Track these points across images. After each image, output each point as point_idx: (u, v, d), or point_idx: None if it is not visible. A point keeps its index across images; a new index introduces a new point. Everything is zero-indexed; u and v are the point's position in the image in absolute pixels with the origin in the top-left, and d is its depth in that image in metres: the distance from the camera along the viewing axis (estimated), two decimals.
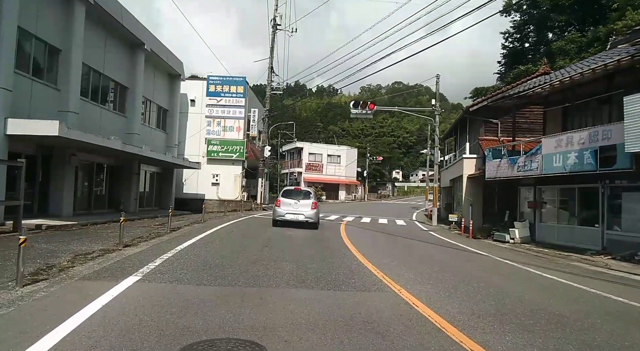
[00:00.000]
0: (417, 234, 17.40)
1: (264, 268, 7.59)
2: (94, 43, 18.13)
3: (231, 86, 28.65)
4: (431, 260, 10.33)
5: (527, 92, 14.76)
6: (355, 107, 21.66)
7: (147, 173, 24.90)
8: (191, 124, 29.00)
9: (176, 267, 7.18)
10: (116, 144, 16.19)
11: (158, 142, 25.24)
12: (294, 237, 12.94)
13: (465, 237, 17.37)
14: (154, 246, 9.64)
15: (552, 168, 13.15)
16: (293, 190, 16.56)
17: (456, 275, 8.25)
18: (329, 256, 9.45)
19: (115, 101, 20.70)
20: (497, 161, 15.88)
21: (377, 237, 15.38)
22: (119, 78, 20.37)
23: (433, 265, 9.34)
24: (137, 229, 13.58)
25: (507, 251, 13.30)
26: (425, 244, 14.15)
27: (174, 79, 26.74)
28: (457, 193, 24.59)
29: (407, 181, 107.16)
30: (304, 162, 57.16)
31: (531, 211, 15.64)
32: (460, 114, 22.19)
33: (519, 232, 15.10)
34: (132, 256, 8.14)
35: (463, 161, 21.10)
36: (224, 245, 10.28)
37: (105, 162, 20.22)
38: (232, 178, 29.06)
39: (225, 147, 28.73)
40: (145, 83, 22.84)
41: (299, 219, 15.23)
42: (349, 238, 13.56)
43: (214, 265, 7.53)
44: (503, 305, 6.01)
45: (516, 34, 41.61)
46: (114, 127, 19.90)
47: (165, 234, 12.16)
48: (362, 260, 9.20)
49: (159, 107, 25.72)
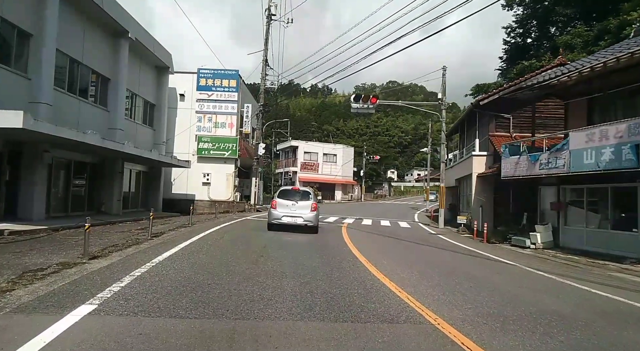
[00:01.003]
0: (426, 239, 15.92)
1: (259, 287, 6.06)
2: (71, 29, 16.49)
3: (223, 80, 27.02)
4: (454, 272, 8.86)
5: (549, 82, 13.32)
6: (356, 101, 20.15)
7: (133, 172, 23.24)
8: (180, 120, 27.33)
9: (147, 289, 5.63)
10: (94, 140, 14.56)
11: (144, 138, 23.59)
12: (293, 244, 11.42)
13: (478, 241, 15.93)
14: (126, 257, 8.06)
15: (581, 165, 11.72)
16: (290, 190, 14.99)
17: (494, 294, 6.77)
18: (336, 269, 7.94)
19: (97, 94, 19.04)
20: (515, 158, 14.45)
21: (384, 242, 13.90)
22: (100, 68, 18.71)
23: (460, 279, 7.86)
24: (115, 234, 11.98)
25: (532, 259, 11.86)
26: (439, 250, 12.67)
27: (161, 72, 25.07)
28: (464, 193, 23.18)
29: (402, 181, 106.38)
30: (299, 161, 55.59)
31: (554, 213, 14.22)
32: (469, 108, 20.78)
33: (541, 236, 13.67)
34: (96, 272, 6.57)
35: (472, 158, 19.67)
36: (211, 256, 8.72)
37: (85, 160, 18.55)
38: (224, 178, 27.44)
39: (217, 145, 27.09)
40: (130, 75, 21.19)
41: (297, 223, 13.73)
42: (354, 244, 12.07)
43: (196, 285, 5.99)
44: (578, 342, 4.53)
45: (519, 28, 40.39)
46: (95, 121, 18.24)
47: (145, 241, 10.58)
48: (376, 273, 7.70)
49: (146, 101, 24.06)
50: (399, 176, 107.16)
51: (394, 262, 9.43)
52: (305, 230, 13.98)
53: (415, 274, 8.06)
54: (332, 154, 57.64)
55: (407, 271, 8.27)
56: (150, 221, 11.22)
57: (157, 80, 24.97)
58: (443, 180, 21.01)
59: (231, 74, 27.23)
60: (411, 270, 8.47)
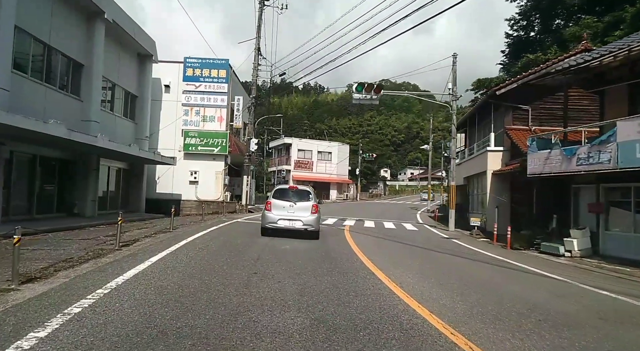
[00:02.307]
0: (442, 245, 14.03)
1: (251, 331, 4.10)
2: (35, 5, 14.38)
3: (212, 70, 24.89)
4: (497, 292, 6.99)
5: (589, 63, 11.48)
6: (358, 91, 18.22)
7: (111, 170, 21.12)
8: (165, 114, 25.18)
9: (80, 342, 3.66)
10: (58, 131, 12.49)
11: (125, 133, 21.45)
12: (292, 254, 9.48)
13: (500, 247, 14.10)
14: (75, 279, 6.06)
15: (632, 160, 9.92)
16: (287, 190, 13.07)
17: (587, 335, 4.88)
18: (353, 293, 6.03)
19: (68, 81, 16.89)
20: (545, 153, 12.61)
21: (396, 250, 11.98)
22: (71, 52, 16.57)
23: (510, 305, 6.00)
24: (77, 242, 9.94)
25: (575, 271, 10.03)
26: (464, 261, 10.79)
27: (144, 61, 22.93)
28: (475, 192, 21.39)
29: (396, 180, 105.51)
30: (293, 159, 53.55)
31: (592, 216, 12.41)
32: (483, 99, 18.96)
33: (578, 243, 11.84)
34: (18, 307, 4.58)
35: (487, 154, 17.85)
36: (189, 275, 6.75)
37: (54, 156, 16.44)
38: (213, 176, 25.35)
39: (205, 140, 24.99)
40: (108, 62, 19.07)
41: (296, 227, 11.91)
42: (363, 252, 10.17)
43: (160, 330, 4.03)
44: None
45: (522, 20, 38.82)
46: (66, 112, 16.12)
47: (110, 252, 8.56)
48: (408, 300, 5.81)
49: (127, 92, 21.92)
50: (392, 175, 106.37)
51: (421, 279, 7.52)
52: (304, 235, 12.12)
53: (458, 300, 6.15)
54: (327, 152, 55.67)
55: (445, 295, 6.37)
56: (118, 227, 9.17)
57: (140, 69, 22.83)
58: (453, 178, 19.17)
59: (221, 64, 25.13)
60: (449, 293, 6.56)
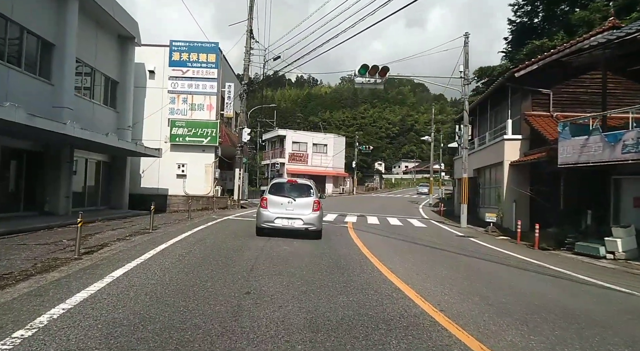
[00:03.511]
0: (462, 245, 12.30)
1: None
2: None
3: (200, 54, 22.93)
4: (567, 314, 5.35)
5: (636, 35, 9.86)
6: (361, 74, 16.45)
7: (90, 163, 19.26)
8: (150, 101, 23.22)
9: None
10: (14, 115, 10.64)
11: (105, 122, 19.53)
12: (292, 261, 7.76)
13: (526, 248, 12.50)
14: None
15: None
16: (286, 184, 11.55)
17: None
18: (383, 324, 4.34)
19: (35, 62, 14.99)
20: (581, 140, 10.99)
21: (413, 252, 10.27)
22: (38, 29, 14.67)
23: (599, 341, 4.37)
24: (32, 249, 8.17)
25: (630, 277, 8.44)
26: (497, 266, 9.14)
27: (125, 43, 20.96)
28: (488, 184, 19.80)
29: (390, 173, 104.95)
30: (287, 152, 51.66)
31: (638, 212, 10.85)
32: (499, 82, 17.27)
33: (622, 243, 10.25)
34: None
35: (503, 143, 16.21)
36: (158, 300, 5.01)
37: (19, 147, 14.58)
38: (202, 169, 23.51)
39: (194, 130, 23.11)
40: (84, 43, 17.15)
41: (295, 227, 10.54)
42: (377, 257, 8.52)
43: None
44: None
45: (526, 5, 37.27)
46: (33, 96, 14.28)
47: (66, 263, 6.80)
48: (457, 332, 4.14)
49: (107, 77, 19.99)
50: (386, 168, 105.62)
51: (462, 298, 5.85)
52: (310, 235, 10.76)
53: (528, 334, 4.50)
54: (323, 144, 53.82)
55: (506, 325, 4.70)
56: (78, 230, 7.37)
57: (121, 52, 20.87)
58: (465, 170, 17.50)
59: (210, 47, 23.19)
60: (509, 320, 4.89)
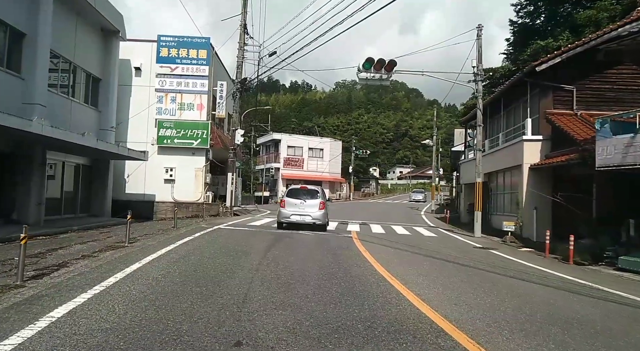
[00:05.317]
0: (489, 260, 10.62)
1: None
2: None
3: (190, 50, 21.43)
4: None
5: None
6: (366, 68, 15.01)
7: (67, 166, 17.61)
8: (136, 100, 21.64)
9: None
10: None
11: (86, 122, 17.91)
12: (297, 286, 6.21)
13: (557, 261, 11.04)
14: None
15: None
16: (299, 189, 15.23)
17: None
18: None
19: (2, 52, 13.42)
20: (625, 138, 9.59)
21: (435, 269, 8.68)
22: (6, 16, 13.11)
23: None
24: None
25: None
26: (537, 287, 7.63)
27: (109, 37, 19.40)
28: (502, 190, 18.37)
29: (385, 179, 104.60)
30: (282, 156, 50.09)
31: None
32: (517, 78, 15.86)
33: None
34: None
35: (522, 144, 14.79)
36: None
37: None
38: (192, 173, 21.90)
39: (183, 132, 21.53)
40: (61, 35, 15.63)
41: (306, 221, 14.11)
42: (396, 278, 6.97)
43: None
44: None
45: (529, 5, 36.26)
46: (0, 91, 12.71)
47: (1, 292, 5.21)
48: None
49: (88, 74, 18.41)
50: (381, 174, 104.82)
51: (527, 339, 4.34)
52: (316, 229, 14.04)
53: None
54: (319, 148, 52.31)
55: None
56: (21, 249, 5.79)
57: (104, 47, 19.30)
58: (479, 174, 16.04)
59: (201, 43, 21.70)
60: None
